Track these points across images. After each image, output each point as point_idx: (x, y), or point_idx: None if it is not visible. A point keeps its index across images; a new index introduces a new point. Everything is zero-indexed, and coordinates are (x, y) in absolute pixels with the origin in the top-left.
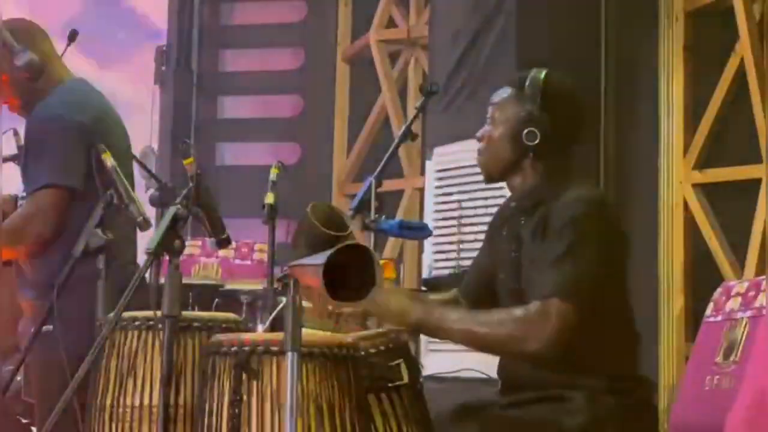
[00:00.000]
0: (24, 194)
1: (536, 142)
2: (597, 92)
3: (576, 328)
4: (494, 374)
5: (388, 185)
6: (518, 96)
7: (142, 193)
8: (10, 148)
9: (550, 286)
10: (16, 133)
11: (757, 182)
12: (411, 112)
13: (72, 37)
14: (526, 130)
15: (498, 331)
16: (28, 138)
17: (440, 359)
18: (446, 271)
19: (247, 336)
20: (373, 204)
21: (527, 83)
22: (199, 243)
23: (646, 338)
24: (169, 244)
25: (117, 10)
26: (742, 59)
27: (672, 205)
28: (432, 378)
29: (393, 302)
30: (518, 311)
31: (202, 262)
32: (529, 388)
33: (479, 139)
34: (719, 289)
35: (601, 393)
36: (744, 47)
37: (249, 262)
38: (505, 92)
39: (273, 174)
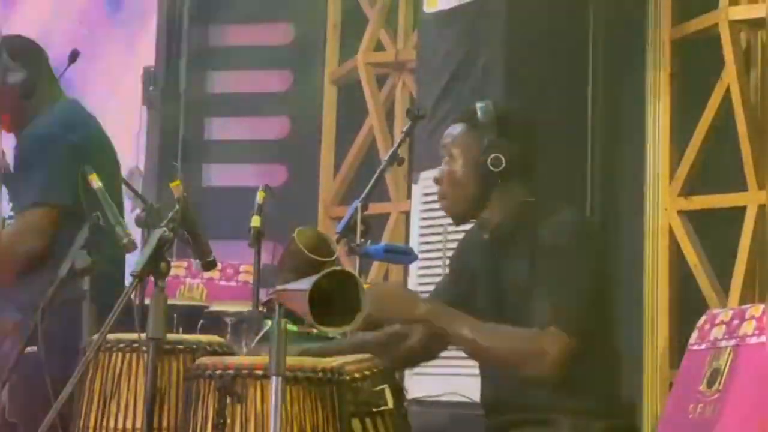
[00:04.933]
0: (11, 214)
1: (502, 167)
2: (584, 119)
3: (574, 354)
4: (477, 398)
5: (374, 209)
6: (473, 128)
7: (128, 213)
8: None
9: (548, 313)
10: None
11: (742, 210)
12: (398, 135)
13: (73, 57)
14: (491, 157)
15: (507, 345)
16: (19, 156)
17: (424, 383)
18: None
19: (231, 359)
20: (359, 228)
21: (479, 114)
22: (185, 264)
23: (631, 365)
24: (154, 267)
25: (105, 29)
26: (728, 87)
27: (657, 231)
28: (416, 402)
29: (402, 292)
30: (526, 331)
31: (187, 283)
32: (513, 411)
33: (438, 182)
34: (704, 317)
35: (586, 417)
36: (730, 75)
37: (234, 284)
38: (457, 128)
39: (259, 197)
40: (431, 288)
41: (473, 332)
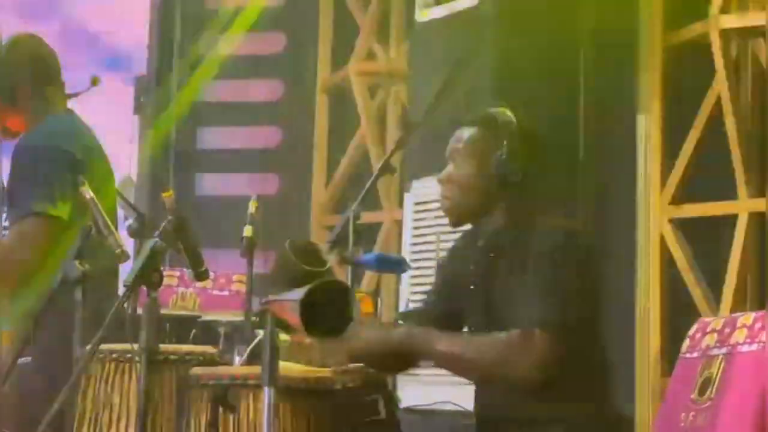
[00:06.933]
0: (6, 225)
1: (515, 178)
2: (575, 127)
3: (559, 358)
4: (470, 407)
5: (366, 217)
6: (490, 135)
7: (121, 223)
8: None
9: (532, 316)
10: None
11: (733, 218)
12: (390, 144)
13: (94, 83)
14: (508, 170)
15: (485, 354)
16: (16, 165)
17: (416, 392)
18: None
19: (224, 370)
20: (351, 238)
21: (499, 122)
22: (177, 273)
23: (622, 373)
24: (147, 277)
25: (96, 38)
26: (719, 95)
27: (648, 239)
28: (408, 410)
29: (370, 334)
30: (503, 336)
31: (180, 292)
32: (506, 420)
33: (443, 182)
34: (695, 326)
35: (579, 426)
36: (720, 83)
37: (227, 293)
38: (471, 132)
39: (252, 207)
40: (423, 297)
41: (452, 346)
